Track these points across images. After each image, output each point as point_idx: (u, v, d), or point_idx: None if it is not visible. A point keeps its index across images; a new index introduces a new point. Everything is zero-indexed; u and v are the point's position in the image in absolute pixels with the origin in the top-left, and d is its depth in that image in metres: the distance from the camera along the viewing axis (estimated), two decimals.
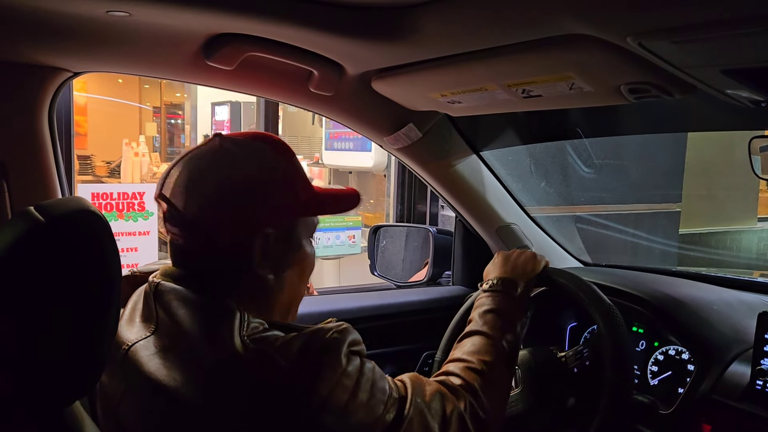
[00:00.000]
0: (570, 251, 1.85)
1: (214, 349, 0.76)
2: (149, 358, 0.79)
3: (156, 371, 0.78)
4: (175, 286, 0.82)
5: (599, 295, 1.21)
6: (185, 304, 0.81)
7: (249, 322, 0.79)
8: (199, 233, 0.82)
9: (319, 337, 0.78)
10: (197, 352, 0.77)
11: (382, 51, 1.10)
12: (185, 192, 0.82)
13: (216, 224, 0.81)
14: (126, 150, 8.49)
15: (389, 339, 1.70)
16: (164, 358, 0.78)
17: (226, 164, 0.82)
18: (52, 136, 1.19)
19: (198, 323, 0.79)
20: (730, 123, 1.33)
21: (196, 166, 0.83)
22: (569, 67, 0.97)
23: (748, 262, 5.23)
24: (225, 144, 0.84)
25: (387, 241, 2.14)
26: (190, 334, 0.78)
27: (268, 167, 0.84)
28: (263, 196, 0.83)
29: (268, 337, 0.78)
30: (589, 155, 3.29)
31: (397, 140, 1.45)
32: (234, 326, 0.77)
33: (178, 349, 0.79)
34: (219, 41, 1.08)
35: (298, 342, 0.76)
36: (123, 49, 1.11)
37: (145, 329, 0.83)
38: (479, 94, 1.17)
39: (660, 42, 0.77)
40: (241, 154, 0.84)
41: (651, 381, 1.37)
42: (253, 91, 1.33)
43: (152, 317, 0.83)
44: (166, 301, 0.82)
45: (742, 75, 0.81)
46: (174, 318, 0.80)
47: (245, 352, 0.75)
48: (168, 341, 0.80)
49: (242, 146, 0.85)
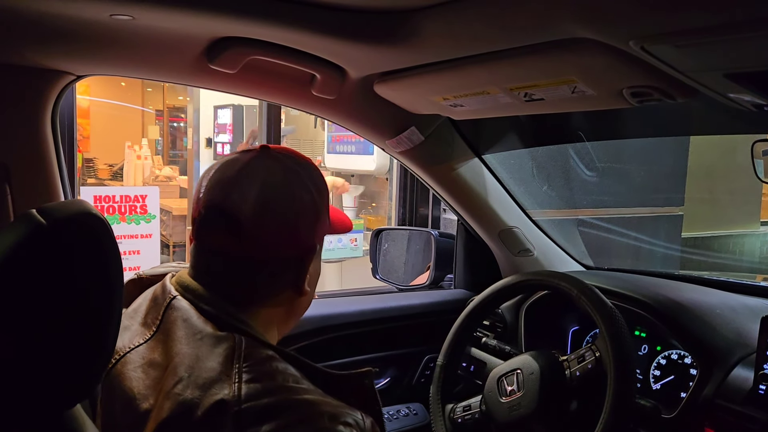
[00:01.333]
0: (572, 255, 1.85)
1: (194, 376, 0.73)
2: (135, 371, 0.78)
3: (137, 387, 0.76)
4: (189, 308, 0.81)
5: (601, 298, 1.21)
6: (188, 329, 0.79)
7: (252, 354, 0.75)
8: (256, 245, 0.82)
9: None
10: (176, 373, 0.74)
11: (384, 54, 1.10)
12: (254, 204, 0.80)
13: (280, 238, 0.82)
14: (128, 153, 8.51)
15: (391, 342, 1.70)
16: (146, 373, 0.77)
17: (293, 180, 0.84)
18: (55, 139, 1.19)
19: (191, 349, 0.76)
20: (733, 127, 1.33)
21: (260, 177, 0.82)
22: (571, 71, 0.97)
23: (751, 266, 5.22)
24: (286, 161, 0.85)
25: (389, 245, 2.14)
26: (178, 356, 0.76)
27: (320, 185, 0.88)
28: (318, 214, 0.86)
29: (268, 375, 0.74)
30: (591, 158, 3.29)
31: (399, 143, 1.45)
32: (227, 361, 0.74)
33: (163, 367, 0.76)
34: (222, 45, 1.08)
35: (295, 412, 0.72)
36: (126, 52, 1.12)
37: (141, 335, 0.82)
38: (481, 97, 1.17)
39: (662, 46, 0.77)
40: (304, 171, 0.86)
41: (653, 385, 1.37)
42: (256, 95, 1.33)
43: (153, 325, 0.82)
44: (173, 319, 0.80)
45: (744, 79, 0.81)
46: (172, 337, 0.79)
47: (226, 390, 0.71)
48: (158, 356, 0.78)
49: (301, 165, 0.87)
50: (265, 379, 0.74)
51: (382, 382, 1.70)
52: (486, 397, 1.30)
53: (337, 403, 0.75)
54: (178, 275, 0.87)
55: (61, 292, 0.62)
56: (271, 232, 0.82)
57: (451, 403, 1.39)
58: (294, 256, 0.85)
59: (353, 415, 0.75)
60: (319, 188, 0.87)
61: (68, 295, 0.63)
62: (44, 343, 0.62)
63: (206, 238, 0.84)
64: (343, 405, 0.75)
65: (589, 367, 1.18)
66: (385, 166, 4.02)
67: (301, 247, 0.86)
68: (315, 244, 0.88)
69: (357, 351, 1.63)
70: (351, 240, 3.47)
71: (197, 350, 0.76)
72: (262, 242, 0.82)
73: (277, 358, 0.77)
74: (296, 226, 0.84)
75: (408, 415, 1.70)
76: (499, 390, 1.28)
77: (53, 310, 0.62)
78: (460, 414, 1.35)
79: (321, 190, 0.88)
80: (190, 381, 0.73)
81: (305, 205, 0.84)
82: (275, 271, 0.85)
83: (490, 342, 1.50)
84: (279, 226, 0.82)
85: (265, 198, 0.81)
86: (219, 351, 0.75)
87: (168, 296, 0.83)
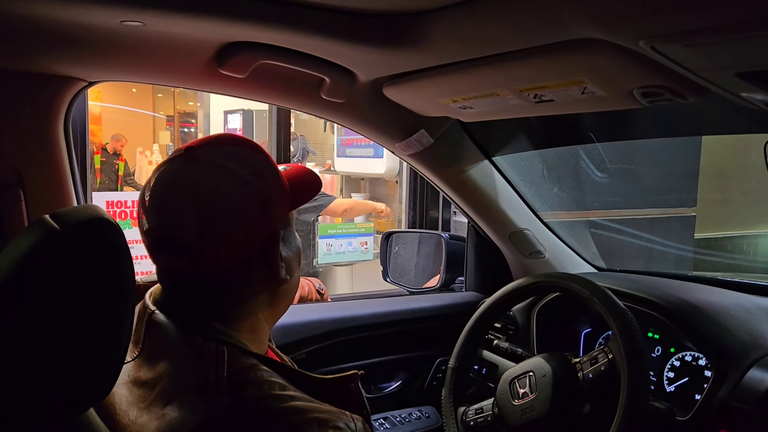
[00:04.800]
0: (584, 256, 1.84)
1: (180, 395, 0.72)
2: (120, 387, 0.76)
3: (119, 403, 0.75)
4: (167, 323, 0.79)
5: (614, 300, 1.20)
6: (170, 344, 0.77)
7: (235, 363, 0.74)
8: (207, 260, 0.77)
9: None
10: (164, 394, 0.73)
11: (393, 57, 1.10)
12: (192, 222, 0.75)
13: (230, 245, 0.77)
14: (140, 158, 8.58)
15: (402, 345, 1.70)
16: (131, 391, 0.76)
17: (225, 180, 0.77)
18: (68, 144, 1.20)
19: (176, 368, 0.75)
20: (745, 126, 1.32)
21: (191, 191, 0.76)
22: (581, 72, 0.96)
23: (765, 267, 5.16)
24: (213, 159, 0.78)
25: (399, 248, 2.14)
26: (165, 377, 0.75)
27: (260, 168, 0.80)
28: (267, 200, 0.79)
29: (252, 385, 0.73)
30: (602, 160, 3.27)
31: (408, 146, 1.45)
32: (210, 372, 0.72)
33: (150, 387, 0.75)
34: (232, 49, 1.08)
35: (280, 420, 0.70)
36: (137, 58, 1.12)
37: (129, 353, 0.80)
38: (491, 99, 1.16)
39: (673, 45, 0.76)
40: (235, 162, 0.79)
41: (667, 387, 1.36)
42: (266, 99, 1.33)
43: (139, 343, 0.80)
44: (156, 337, 0.79)
45: (756, 78, 0.80)
46: (157, 355, 0.77)
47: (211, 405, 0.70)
48: (143, 374, 0.77)
49: (231, 156, 0.79)
50: (250, 388, 0.72)
51: (393, 385, 1.70)
52: (498, 400, 1.29)
53: (326, 408, 0.73)
54: (154, 289, 0.85)
55: (75, 296, 0.63)
56: (219, 243, 0.76)
57: (464, 406, 1.38)
58: (255, 252, 0.80)
59: (342, 418, 0.73)
60: (259, 172, 0.79)
61: (82, 299, 0.63)
62: (58, 347, 0.62)
63: (158, 261, 0.81)
64: (332, 409, 0.74)
65: (602, 369, 1.17)
66: (395, 170, 4.02)
67: (258, 242, 0.80)
68: (276, 231, 0.81)
69: (368, 354, 1.63)
70: (362, 243, 3.47)
71: (180, 366, 0.75)
72: (214, 256, 0.77)
73: (260, 366, 0.76)
74: (244, 226, 0.77)
75: (420, 418, 1.69)
76: (511, 392, 1.27)
77: (67, 315, 0.62)
78: (472, 417, 1.35)
79: (262, 172, 0.80)
80: (177, 401, 0.72)
81: (247, 200, 0.77)
82: (240, 274, 0.80)
83: (501, 344, 1.50)
84: (224, 234, 0.76)
85: (201, 212, 0.75)
86: (201, 365, 0.74)
87: (147, 312, 0.81)
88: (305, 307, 1.75)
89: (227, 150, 0.80)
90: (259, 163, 0.81)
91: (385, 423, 1.63)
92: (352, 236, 3.44)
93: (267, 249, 0.81)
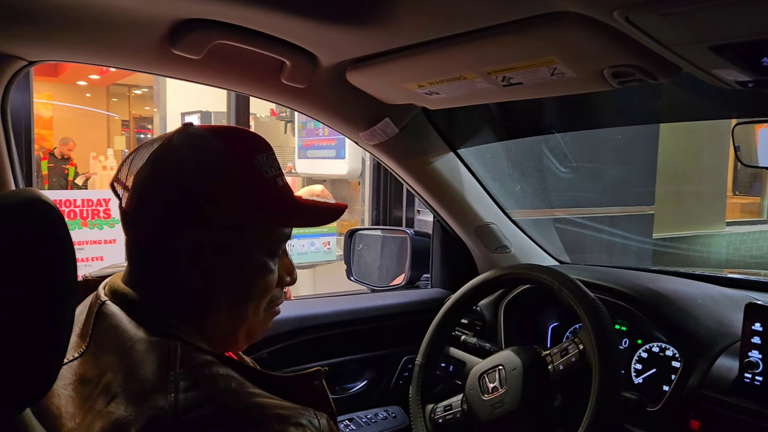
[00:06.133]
0: (549, 251, 1.83)
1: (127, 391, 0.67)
2: (66, 387, 0.71)
3: (65, 405, 0.70)
4: (119, 313, 0.74)
5: (584, 290, 1.18)
6: (120, 337, 0.72)
7: (190, 358, 0.69)
8: (132, 228, 0.77)
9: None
10: (109, 390, 0.68)
11: (356, 38, 1.06)
12: (128, 181, 0.75)
13: (145, 217, 0.75)
14: (93, 164, 8.33)
15: (368, 344, 1.65)
16: (77, 391, 0.70)
17: (165, 155, 0.74)
18: (5, 128, 1.11)
19: (126, 363, 0.69)
20: (712, 112, 1.32)
21: (142, 155, 0.76)
22: (551, 50, 0.94)
23: (719, 265, 5.34)
24: (177, 135, 0.76)
25: (363, 246, 2.09)
26: (110, 371, 0.69)
27: (206, 163, 0.75)
28: (191, 194, 0.74)
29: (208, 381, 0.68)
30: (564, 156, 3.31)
31: (373, 136, 1.41)
32: (162, 366, 0.67)
33: (94, 384, 0.70)
34: (185, 28, 1.02)
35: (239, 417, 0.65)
36: (82, 35, 1.05)
37: (76, 348, 0.75)
38: (458, 83, 1.13)
39: (648, 15, 0.74)
40: (185, 144, 0.75)
41: (635, 379, 1.35)
42: (222, 83, 1.27)
43: (86, 337, 0.75)
44: (104, 329, 0.74)
45: (730, 51, 0.78)
46: (104, 349, 0.72)
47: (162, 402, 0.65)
48: (89, 371, 0.71)
49: (193, 137, 0.76)
50: (205, 385, 0.67)
51: (359, 385, 1.65)
52: (468, 396, 1.26)
53: (287, 405, 0.69)
54: (111, 279, 0.79)
55: (10, 283, 0.58)
56: (137, 211, 0.74)
57: (432, 404, 1.35)
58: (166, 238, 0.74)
59: (305, 414, 0.69)
60: (209, 165, 0.75)
61: (18, 286, 0.58)
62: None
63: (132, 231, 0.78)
64: (294, 406, 0.69)
65: (573, 360, 1.15)
66: (357, 170, 3.98)
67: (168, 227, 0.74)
68: (188, 226, 0.74)
69: (332, 354, 1.57)
70: (324, 243, 3.41)
71: (128, 361, 0.69)
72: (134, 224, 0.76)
73: (216, 362, 0.70)
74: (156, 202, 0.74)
75: (387, 418, 1.64)
76: (481, 388, 1.23)
77: (4, 301, 0.58)
78: (441, 414, 1.31)
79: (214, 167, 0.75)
80: (123, 397, 0.66)
81: (166, 180, 0.73)
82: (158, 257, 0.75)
83: (469, 340, 1.46)
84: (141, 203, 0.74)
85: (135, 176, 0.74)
86: (152, 358, 0.68)
87: (98, 303, 0.76)
88: None
89: (201, 133, 0.77)
90: (217, 156, 0.75)
91: (351, 424, 1.58)
92: (314, 236, 3.37)
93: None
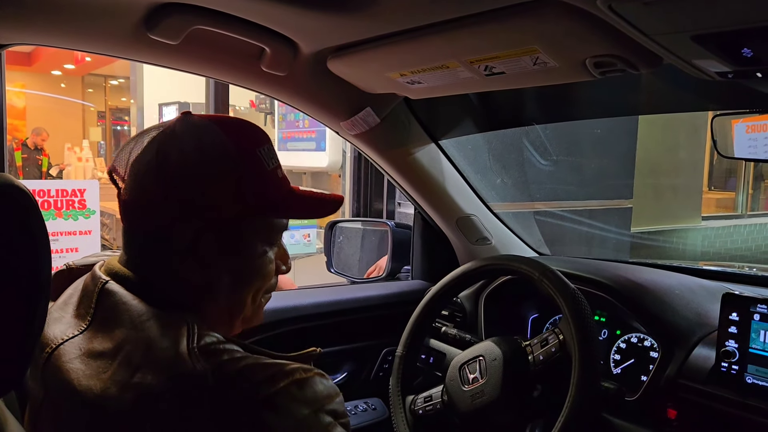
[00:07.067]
0: (529, 243, 1.83)
1: (151, 362, 0.69)
2: (72, 362, 0.71)
3: (76, 378, 0.70)
4: (123, 292, 0.75)
5: (564, 281, 1.19)
6: (130, 313, 0.73)
7: (201, 336, 0.71)
8: (132, 217, 0.78)
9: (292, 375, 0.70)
10: (130, 362, 0.69)
11: (338, 25, 1.04)
12: (127, 169, 0.77)
13: (145, 207, 0.76)
14: (68, 155, 8.18)
15: (348, 336, 1.64)
16: (87, 364, 0.71)
17: (168, 144, 0.75)
18: None
19: (140, 337, 0.71)
20: (690, 103, 1.33)
21: (141, 144, 0.77)
22: (534, 39, 0.93)
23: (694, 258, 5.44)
24: (179, 124, 0.77)
25: (344, 237, 2.08)
26: (127, 344, 0.71)
27: (210, 153, 0.76)
28: (194, 183, 0.74)
29: (223, 352, 0.70)
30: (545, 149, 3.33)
31: (354, 125, 1.39)
32: (180, 340, 0.70)
33: (109, 356, 0.70)
34: (162, 12, 1.00)
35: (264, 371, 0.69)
36: (56, 17, 1.02)
37: (76, 326, 0.75)
38: (440, 72, 1.12)
39: (631, 4, 0.74)
40: (188, 133, 0.76)
41: (614, 370, 1.36)
42: (200, 70, 1.24)
43: (88, 315, 0.75)
44: (109, 305, 0.74)
45: (711, 41, 0.79)
46: (112, 324, 0.73)
47: (190, 368, 0.67)
48: (98, 345, 0.72)
49: (196, 126, 0.77)
50: (224, 353, 0.70)
51: (339, 377, 1.64)
52: (448, 387, 1.26)
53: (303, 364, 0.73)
54: (107, 262, 0.80)
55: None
56: (134, 198, 0.75)
57: (412, 395, 1.34)
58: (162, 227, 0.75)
59: (322, 373, 0.74)
60: (211, 155, 0.76)
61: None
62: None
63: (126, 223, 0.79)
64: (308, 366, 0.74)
65: (553, 350, 1.16)
66: (338, 163, 3.96)
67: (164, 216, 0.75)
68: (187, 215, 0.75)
69: (312, 345, 1.54)
70: (304, 236, 3.39)
71: (146, 334, 0.71)
72: (131, 210, 0.77)
73: (224, 340, 0.74)
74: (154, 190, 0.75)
75: (366, 410, 1.64)
76: (461, 378, 1.23)
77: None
78: (421, 405, 1.31)
79: (214, 157, 0.76)
80: (147, 368, 0.68)
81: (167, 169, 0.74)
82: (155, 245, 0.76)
83: (450, 331, 1.46)
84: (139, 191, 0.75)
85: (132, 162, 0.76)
86: (171, 332, 0.71)
87: (99, 282, 0.77)
88: None
89: (203, 123, 0.78)
90: (217, 147, 0.76)
91: None
92: (294, 228, 3.34)
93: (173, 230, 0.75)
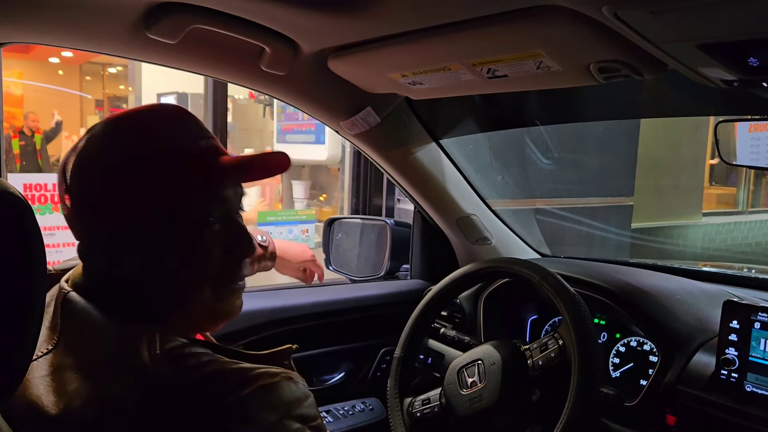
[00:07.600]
0: (529, 243, 1.82)
1: (114, 371, 0.68)
2: (41, 379, 0.70)
3: (42, 394, 0.68)
4: (83, 303, 0.74)
5: (564, 285, 1.18)
6: (90, 325, 0.72)
7: (165, 341, 0.70)
8: (82, 222, 0.76)
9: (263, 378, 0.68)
10: (94, 373, 0.69)
11: (339, 25, 1.03)
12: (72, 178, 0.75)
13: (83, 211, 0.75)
14: (66, 144, 8.13)
15: (345, 335, 1.64)
16: (55, 379, 0.69)
17: (103, 143, 0.75)
18: None
19: (102, 347, 0.70)
20: (693, 109, 1.32)
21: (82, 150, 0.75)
22: (538, 44, 0.92)
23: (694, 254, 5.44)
24: (107, 124, 0.77)
25: (342, 234, 2.07)
26: (89, 355, 0.70)
27: (144, 139, 0.75)
28: (140, 171, 0.73)
29: (189, 356, 0.69)
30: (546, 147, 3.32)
31: (354, 125, 1.38)
32: (142, 346, 0.68)
33: (74, 369, 0.70)
34: (161, 11, 0.98)
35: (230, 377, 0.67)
36: (53, 16, 1.00)
37: (48, 340, 0.74)
38: (442, 74, 1.11)
39: (637, 12, 0.73)
40: (120, 127, 0.76)
41: (613, 373, 1.35)
42: (199, 69, 1.23)
43: (57, 328, 0.74)
44: (72, 318, 0.73)
45: (717, 50, 0.77)
46: (76, 336, 0.72)
47: (152, 374, 0.66)
48: (65, 359, 0.71)
49: (123, 120, 0.77)
50: (190, 358, 0.69)
51: (336, 377, 1.64)
52: (446, 390, 1.25)
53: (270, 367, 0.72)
54: (73, 271, 0.79)
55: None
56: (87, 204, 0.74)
57: (410, 397, 1.34)
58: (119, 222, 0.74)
59: (292, 374, 0.72)
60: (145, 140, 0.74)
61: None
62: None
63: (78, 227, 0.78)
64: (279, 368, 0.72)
65: (552, 355, 1.15)
66: (337, 156, 3.94)
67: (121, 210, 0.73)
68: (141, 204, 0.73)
69: (310, 345, 1.56)
70: (303, 231, 3.37)
71: (108, 344, 0.70)
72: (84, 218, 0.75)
73: (189, 343, 0.72)
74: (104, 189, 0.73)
75: (364, 410, 1.63)
76: (459, 382, 1.23)
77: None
78: (419, 408, 1.30)
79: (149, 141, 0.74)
80: (110, 378, 0.68)
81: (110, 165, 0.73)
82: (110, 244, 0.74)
83: (448, 333, 1.45)
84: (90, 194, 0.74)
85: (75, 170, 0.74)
86: (132, 341, 0.69)
87: (62, 293, 0.76)
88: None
89: (128, 116, 0.78)
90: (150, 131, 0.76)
91: (328, 416, 1.56)
92: (293, 223, 3.33)
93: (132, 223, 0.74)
